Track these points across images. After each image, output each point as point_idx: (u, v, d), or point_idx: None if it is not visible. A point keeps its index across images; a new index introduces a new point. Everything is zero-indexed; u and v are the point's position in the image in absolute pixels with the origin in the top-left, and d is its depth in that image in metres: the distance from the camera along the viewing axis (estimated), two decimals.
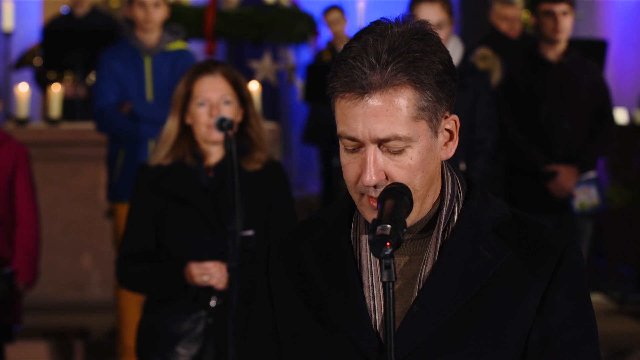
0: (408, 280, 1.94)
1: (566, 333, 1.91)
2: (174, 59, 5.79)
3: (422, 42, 1.86)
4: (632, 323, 7.15)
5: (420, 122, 1.87)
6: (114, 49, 5.90)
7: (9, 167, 4.60)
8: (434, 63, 1.86)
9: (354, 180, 1.89)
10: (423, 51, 1.85)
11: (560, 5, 5.79)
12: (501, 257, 1.92)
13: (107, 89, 5.75)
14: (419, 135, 1.87)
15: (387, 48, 1.84)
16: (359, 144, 1.87)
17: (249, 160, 3.94)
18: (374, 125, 1.84)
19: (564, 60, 5.87)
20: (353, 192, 1.92)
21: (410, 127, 1.85)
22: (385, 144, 1.86)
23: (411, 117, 1.85)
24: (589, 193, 5.92)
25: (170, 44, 5.83)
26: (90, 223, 7.31)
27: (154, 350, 3.90)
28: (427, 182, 1.90)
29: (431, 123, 1.88)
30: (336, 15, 9.41)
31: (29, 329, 5.96)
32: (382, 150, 1.87)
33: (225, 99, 3.90)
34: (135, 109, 5.71)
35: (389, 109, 1.84)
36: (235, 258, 3.71)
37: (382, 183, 1.87)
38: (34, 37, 9.78)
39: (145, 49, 5.77)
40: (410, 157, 1.87)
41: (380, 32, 1.87)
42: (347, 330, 1.93)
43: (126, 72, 5.76)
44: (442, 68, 1.87)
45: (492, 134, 5.38)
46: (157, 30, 5.81)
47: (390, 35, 1.86)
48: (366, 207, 1.90)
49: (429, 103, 1.86)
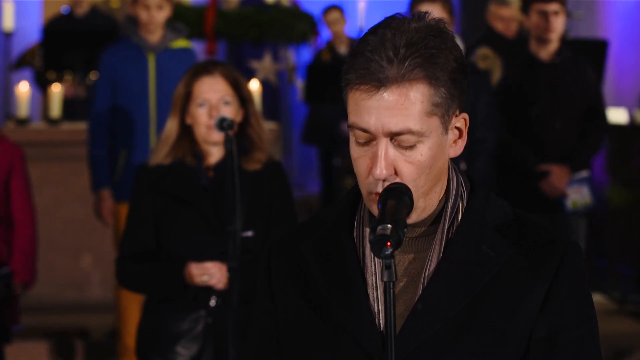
0: (412, 278, 1.94)
1: (567, 333, 1.91)
2: (179, 57, 5.77)
3: (439, 38, 1.87)
4: (632, 323, 7.15)
5: (433, 118, 1.87)
6: (115, 48, 5.89)
7: (4, 167, 4.60)
8: (449, 60, 1.87)
9: (365, 174, 1.89)
10: (439, 48, 1.86)
11: (552, 5, 5.80)
12: (503, 256, 1.92)
13: (101, 96, 5.78)
14: (431, 131, 1.88)
15: (405, 42, 1.85)
16: (370, 136, 1.88)
17: (249, 160, 3.94)
18: (388, 118, 1.85)
19: (556, 60, 5.89)
20: (363, 187, 1.91)
21: (424, 122, 1.86)
22: (397, 137, 1.86)
23: (425, 112, 1.86)
24: (582, 192, 5.93)
25: (174, 42, 5.83)
26: (90, 223, 7.29)
27: (153, 350, 3.90)
28: (432, 178, 1.90)
29: (443, 120, 1.89)
30: (336, 15, 9.41)
31: (28, 329, 5.95)
32: (393, 144, 1.87)
33: (224, 100, 3.90)
34: (136, 110, 5.72)
35: (404, 103, 1.85)
36: (235, 258, 3.71)
37: (392, 178, 1.87)
38: (34, 36, 9.77)
39: (148, 46, 5.76)
40: (421, 152, 1.87)
41: (398, 26, 1.87)
42: (349, 329, 1.93)
43: (128, 70, 5.75)
44: (455, 66, 1.88)
45: (493, 134, 5.38)
46: (159, 28, 5.81)
47: (407, 30, 1.86)
48: (374, 203, 1.90)
49: (443, 99, 1.87)
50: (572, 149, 5.89)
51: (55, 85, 7.75)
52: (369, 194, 1.90)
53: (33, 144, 6.77)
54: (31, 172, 4.81)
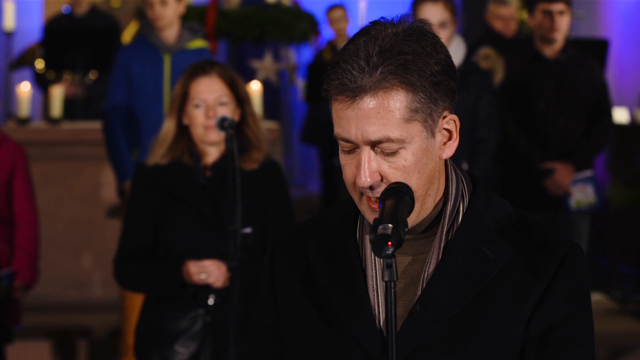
0: (412, 279, 1.94)
1: (562, 332, 1.91)
2: (194, 58, 5.75)
3: (416, 43, 1.86)
4: (633, 323, 7.16)
5: (413, 124, 1.87)
6: (131, 47, 5.88)
7: (7, 168, 4.60)
8: (428, 64, 1.86)
9: (352, 181, 1.91)
10: (415, 53, 1.85)
11: (557, 5, 5.80)
12: (504, 258, 1.92)
13: (117, 90, 5.73)
14: (413, 137, 1.87)
15: (377, 51, 1.85)
16: (354, 145, 1.88)
17: (247, 160, 3.94)
18: (366, 127, 1.85)
19: (561, 57, 5.88)
20: (353, 192, 1.93)
21: (403, 129, 1.86)
22: (378, 145, 1.86)
23: (403, 119, 1.86)
24: (586, 191, 5.92)
25: (190, 42, 5.79)
26: (91, 222, 7.31)
27: (152, 349, 3.90)
28: (424, 182, 1.90)
29: (426, 124, 1.88)
30: (340, 13, 9.41)
31: (30, 328, 5.96)
32: (375, 151, 1.87)
33: (221, 100, 3.90)
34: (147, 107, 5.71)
35: (380, 112, 1.85)
36: (236, 257, 3.71)
37: (377, 184, 1.88)
38: (35, 36, 9.78)
39: (164, 46, 5.73)
40: (404, 158, 1.87)
41: (375, 34, 1.87)
42: (350, 329, 1.93)
43: (143, 70, 5.71)
44: (437, 69, 1.87)
45: (495, 133, 5.37)
46: (173, 27, 5.74)
47: (382, 37, 1.86)
48: (366, 207, 1.91)
49: (422, 104, 1.86)
50: (575, 146, 5.89)
51: (56, 85, 7.75)
52: (360, 195, 1.91)
53: (34, 144, 6.77)
54: (32, 172, 4.81)
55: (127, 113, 5.75)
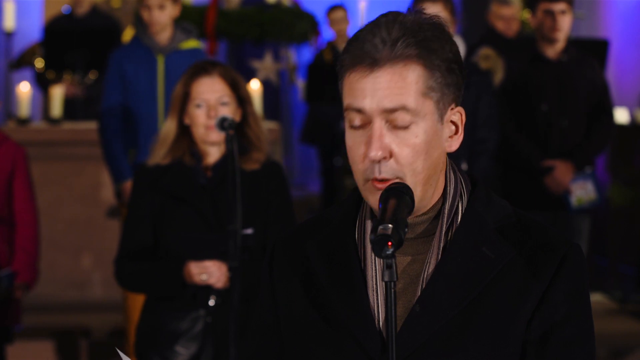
0: (411, 280, 1.94)
1: (562, 333, 1.91)
2: (188, 58, 5.75)
3: (434, 29, 1.89)
4: (633, 323, 7.16)
5: (427, 101, 1.88)
6: (125, 48, 5.88)
7: (8, 168, 4.61)
8: (444, 49, 1.88)
9: (360, 160, 1.89)
10: (434, 35, 1.88)
11: (559, 5, 5.80)
12: (504, 258, 1.92)
13: (112, 91, 5.74)
14: (426, 114, 1.88)
15: (399, 27, 1.87)
16: (365, 118, 1.88)
17: (247, 160, 3.94)
18: (383, 97, 1.86)
19: (563, 58, 5.89)
20: (358, 175, 1.91)
21: (419, 101, 1.87)
22: (392, 116, 1.86)
23: (420, 92, 1.87)
24: (586, 188, 5.92)
25: (184, 43, 5.80)
26: (91, 223, 7.31)
27: (153, 349, 3.90)
28: (429, 166, 1.90)
29: (438, 106, 1.89)
30: (340, 14, 9.41)
31: (30, 328, 5.96)
32: (388, 126, 1.87)
33: (222, 100, 3.90)
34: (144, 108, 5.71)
35: (398, 82, 1.86)
36: (236, 258, 3.71)
37: (385, 162, 1.87)
38: (35, 36, 9.78)
39: (158, 47, 5.73)
40: (416, 134, 1.87)
41: (393, 17, 1.90)
42: (350, 330, 1.93)
43: (137, 71, 5.73)
44: (451, 56, 1.89)
45: (495, 134, 5.38)
46: (167, 29, 5.78)
47: (402, 19, 1.89)
48: (370, 192, 1.90)
49: (438, 85, 1.88)
50: (577, 146, 5.89)
51: (56, 85, 7.75)
52: (365, 181, 1.90)
53: (34, 144, 6.77)
54: (32, 172, 4.82)
55: (123, 114, 5.76)
